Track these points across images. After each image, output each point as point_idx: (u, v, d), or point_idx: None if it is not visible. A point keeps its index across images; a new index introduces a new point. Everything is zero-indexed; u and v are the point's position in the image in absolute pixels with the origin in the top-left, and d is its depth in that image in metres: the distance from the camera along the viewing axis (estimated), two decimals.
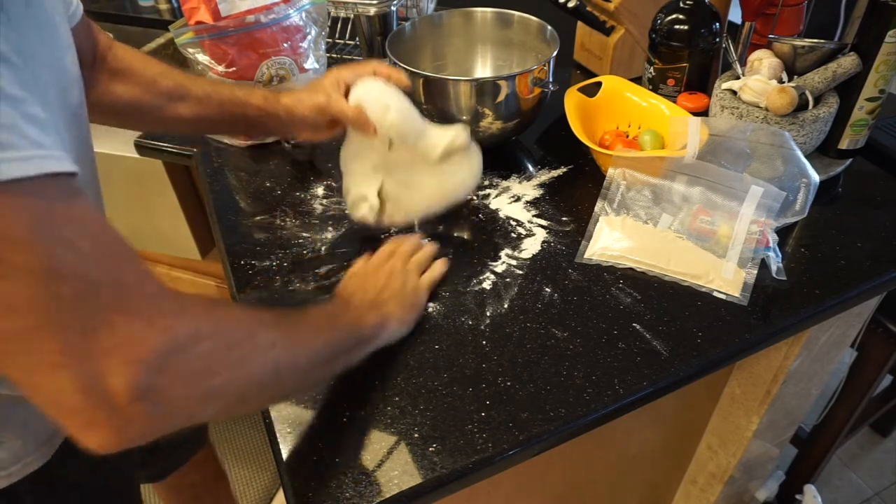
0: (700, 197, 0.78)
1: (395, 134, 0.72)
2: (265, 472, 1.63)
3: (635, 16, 1.02)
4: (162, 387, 0.38)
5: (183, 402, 0.41)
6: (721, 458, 1.11)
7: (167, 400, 0.39)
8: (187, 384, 0.40)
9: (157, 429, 0.40)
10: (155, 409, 0.38)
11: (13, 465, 0.61)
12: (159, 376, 0.37)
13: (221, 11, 0.86)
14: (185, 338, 0.39)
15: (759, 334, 0.68)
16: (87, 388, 0.36)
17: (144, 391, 0.37)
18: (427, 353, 0.66)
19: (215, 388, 0.42)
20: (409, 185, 0.75)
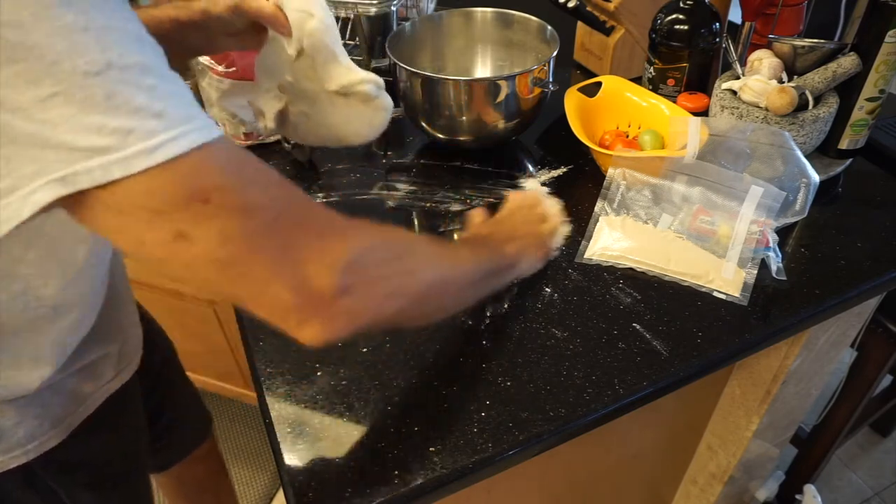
0: (700, 197, 0.78)
1: (310, 45, 0.68)
2: (265, 472, 1.63)
3: (635, 16, 1.02)
4: (355, 285, 0.45)
5: (372, 298, 0.47)
6: (721, 458, 1.11)
7: (360, 296, 0.46)
8: (373, 283, 0.47)
9: (356, 321, 0.46)
10: (353, 303, 0.45)
11: (29, 443, 0.63)
12: (352, 276, 0.44)
13: None
14: (363, 248, 0.46)
15: (759, 334, 0.68)
16: (297, 292, 0.43)
17: (343, 289, 0.44)
18: (427, 353, 0.66)
19: (394, 288, 0.49)
20: (308, 115, 0.74)
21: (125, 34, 0.37)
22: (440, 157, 0.95)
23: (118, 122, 0.36)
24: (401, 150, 0.98)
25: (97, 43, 0.35)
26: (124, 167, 0.36)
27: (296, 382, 0.63)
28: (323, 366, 0.65)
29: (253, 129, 0.97)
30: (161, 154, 0.37)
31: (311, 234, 0.44)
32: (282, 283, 0.42)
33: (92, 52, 0.35)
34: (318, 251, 0.44)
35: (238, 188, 0.41)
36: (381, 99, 0.72)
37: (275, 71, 0.74)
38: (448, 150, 0.96)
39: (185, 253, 0.40)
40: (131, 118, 0.36)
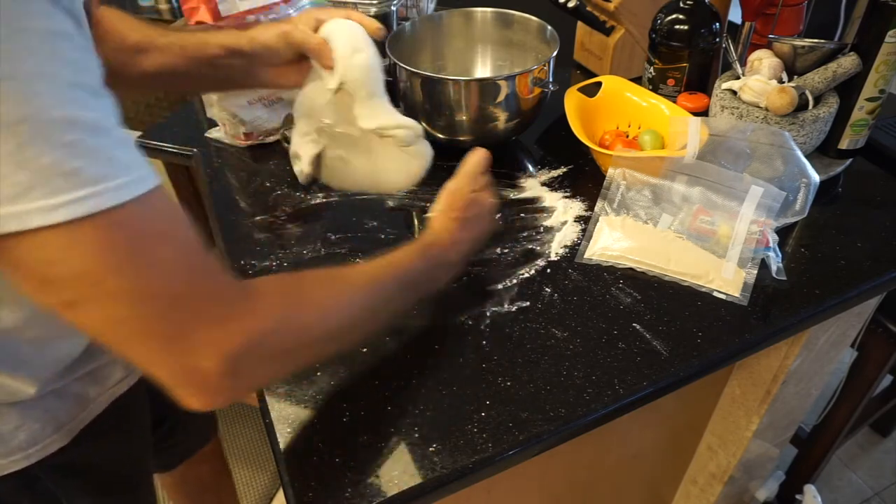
0: (700, 197, 0.78)
1: (353, 80, 0.67)
2: (265, 472, 1.63)
3: (635, 16, 1.02)
4: (243, 370, 0.45)
5: (261, 376, 0.50)
6: (721, 458, 1.11)
7: (248, 377, 0.47)
8: (264, 365, 0.47)
9: (242, 395, 0.47)
10: (239, 383, 0.46)
11: (31, 447, 0.63)
12: (240, 363, 0.44)
13: (221, 11, 0.86)
14: (258, 334, 0.45)
15: (759, 334, 0.68)
16: (182, 374, 0.43)
17: (229, 374, 0.43)
18: (427, 353, 0.66)
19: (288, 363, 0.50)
20: (345, 160, 0.75)
21: (55, 82, 0.36)
22: (440, 157, 0.95)
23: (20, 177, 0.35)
24: None
25: (17, 94, 0.34)
26: (19, 222, 0.35)
27: (296, 382, 0.63)
28: (323, 366, 0.65)
29: (253, 128, 0.97)
30: (60, 214, 0.36)
31: (205, 322, 0.43)
32: (168, 366, 0.43)
33: (8, 103, 0.34)
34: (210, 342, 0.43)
35: (136, 274, 0.40)
36: (419, 146, 0.72)
37: (313, 113, 0.73)
38: (448, 150, 0.96)
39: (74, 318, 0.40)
40: (35, 175, 0.35)
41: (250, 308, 0.46)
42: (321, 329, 0.51)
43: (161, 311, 0.41)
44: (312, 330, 0.50)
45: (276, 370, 0.50)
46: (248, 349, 0.44)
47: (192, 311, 0.42)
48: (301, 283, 0.52)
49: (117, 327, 0.41)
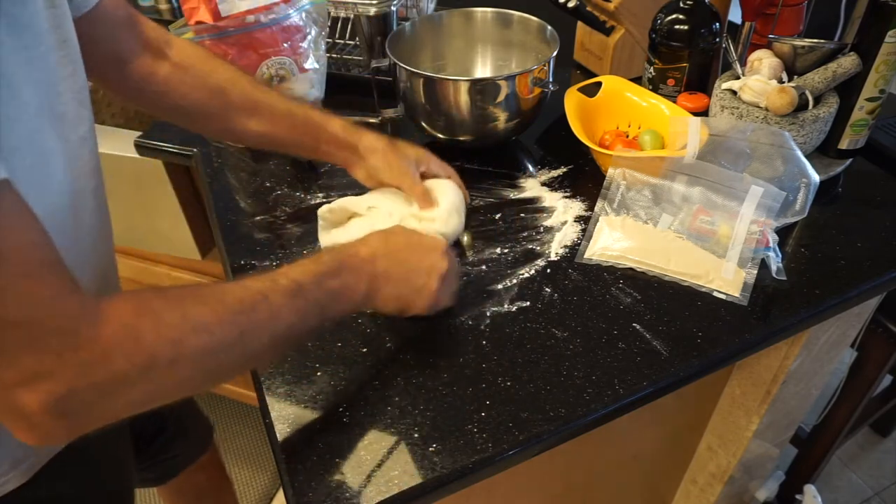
0: (700, 197, 0.78)
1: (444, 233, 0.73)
2: (265, 472, 1.63)
3: (635, 16, 1.02)
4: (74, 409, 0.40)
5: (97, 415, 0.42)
6: (721, 458, 1.11)
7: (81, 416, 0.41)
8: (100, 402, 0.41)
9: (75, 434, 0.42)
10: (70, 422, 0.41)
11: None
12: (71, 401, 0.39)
13: (221, 11, 0.86)
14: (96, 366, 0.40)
15: (759, 334, 0.68)
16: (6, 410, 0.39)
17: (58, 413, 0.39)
18: (427, 353, 0.66)
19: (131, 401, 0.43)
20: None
21: None
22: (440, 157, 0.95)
23: None
24: None
25: None
26: None
27: (296, 382, 0.63)
28: (323, 366, 0.65)
29: None
30: None
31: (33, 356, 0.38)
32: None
33: None
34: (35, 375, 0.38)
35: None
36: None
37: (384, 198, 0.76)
38: (448, 150, 0.96)
39: None
40: None
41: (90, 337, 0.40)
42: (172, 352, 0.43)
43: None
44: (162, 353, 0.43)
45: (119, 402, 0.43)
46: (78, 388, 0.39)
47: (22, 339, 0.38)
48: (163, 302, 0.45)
49: None
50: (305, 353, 0.66)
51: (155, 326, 0.43)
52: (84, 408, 0.41)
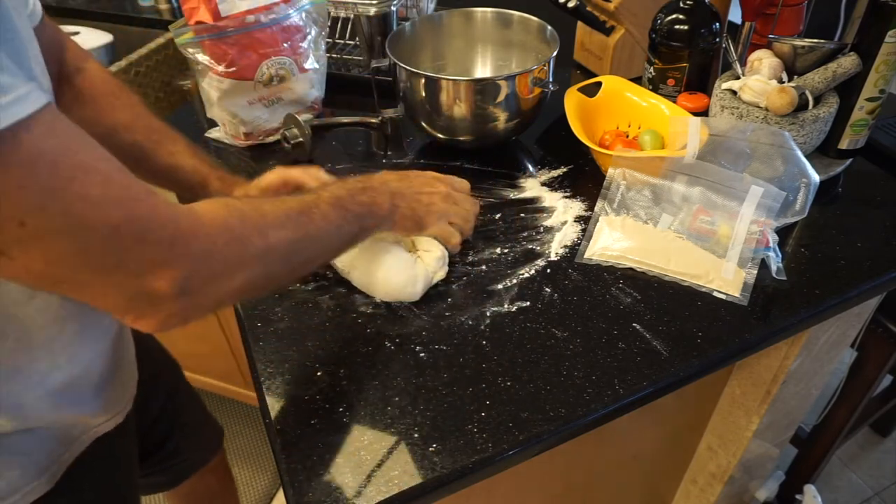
0: (700, 197, 0.78)
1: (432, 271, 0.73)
2: (265, 472, 1.63)
3: (635, 16, 1.02)
4: (191, 289, 0.45)
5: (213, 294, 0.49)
6: (721, 458, 1.11)
7: (199, 297, 0.47)
8: (212, 283, 0.48)
9: (194, 317, 0.48)
10: (189, 302, 0.46)
11: (11, 496, 0.59)
12: (188, 283, 0.45)
13: (221, 11, 0.86)
14: (202, 252, 0.46)
15: (759, 334, 0.68)
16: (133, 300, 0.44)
17: (178, 295, 0.44)
18: (427, 353, 0.66)
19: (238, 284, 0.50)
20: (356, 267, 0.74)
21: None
22: (440, 157, 0.95)
23: None
24: (401, 150, 0.98)
25: None
26: None
27: (296, 382, 0.63)
28: (323, 366, 0.65)
29: (253, 129, 0.97)
30: None
31: (150, 247, 0.42)
32: (116, 295, 0.43)
33: None
34: (157, 264, 0.43)
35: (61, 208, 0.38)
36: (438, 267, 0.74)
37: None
38: (448, 150, 0.96)
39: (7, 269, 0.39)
40: None
41: (193, 227, 0.46)
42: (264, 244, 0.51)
43: (101, 242, 0.40)
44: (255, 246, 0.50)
45: (226, 287, 0.49)
46: (195, 268, 0.45)
47: (133, 237, 0.42)
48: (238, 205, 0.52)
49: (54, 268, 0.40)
50: (305, 353, 0.66)
51: (242, 221, 0.51)
52: (202, 289, 0.47)
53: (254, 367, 0.66)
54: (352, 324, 0.69)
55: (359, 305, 0.71)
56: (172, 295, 0.44)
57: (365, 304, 0.71)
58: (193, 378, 1.57)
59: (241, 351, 1.43)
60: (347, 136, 1.01)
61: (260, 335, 0.68)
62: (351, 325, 0.69)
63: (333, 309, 0.71)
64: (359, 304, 0.72)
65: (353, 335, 0.68)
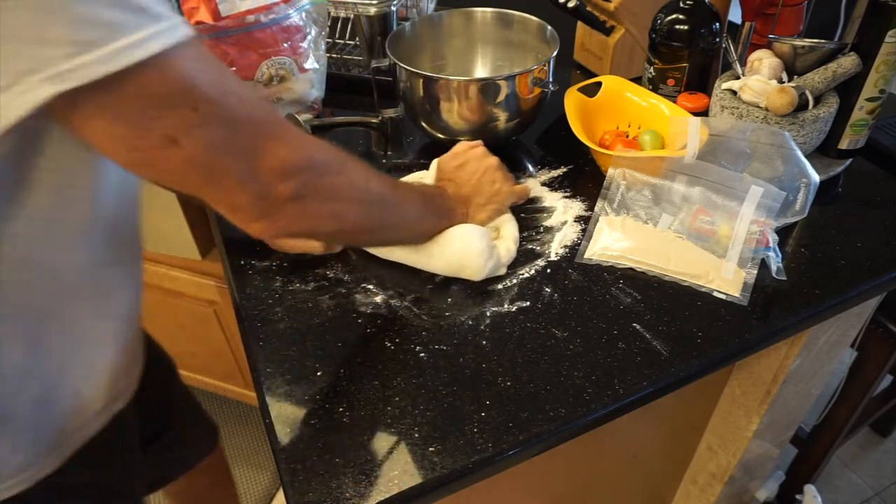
0: (700, 197, 0.78)
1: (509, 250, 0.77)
2: (265, 472, 1.63)
3: (635, 16, 1.02)
4: (306, 195, 0.51)
5: (316, 211, 0.54)
6: (721, 458, 1.11)
7: (306, 206, 0.52)
8: (321, 197, 0.54)
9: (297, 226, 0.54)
10: (301, 209, 0.52)
11: (26, 471, 0.61)
12: (305, 188, 0.51)
13: (221, 11, 0.86)
14: (321, 165, 0.53)
15: (759, 334, 0.68)
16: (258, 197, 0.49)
17: (294, 197, 0.50)
18: (427, 354, 0.66)
19: (338, 210, 0.56)
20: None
21: None
22: None
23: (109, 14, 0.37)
24: (401, 150, 0.98)
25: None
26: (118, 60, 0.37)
27: (296, 382, 0.63)
28: (323, 366, 0.65)
29: None
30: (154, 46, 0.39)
31: (278, 144, 0.49)
32: (247, 189, 0.48)
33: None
34: (282, 161, 0.49)
35: (221, 99, 0.44)
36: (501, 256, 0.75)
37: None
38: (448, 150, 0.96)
39: (173, 157, 0.44)
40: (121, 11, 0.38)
41: (310, 140, 0.53)
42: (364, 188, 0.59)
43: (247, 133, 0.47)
44: (358, 184, 0.58)
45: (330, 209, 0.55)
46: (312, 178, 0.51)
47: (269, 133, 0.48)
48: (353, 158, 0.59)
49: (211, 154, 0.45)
50: (305, 353, 0.66)
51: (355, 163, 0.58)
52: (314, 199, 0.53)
53: (254, 367, 0.66)
54: (352, 324, 0.69)
55: (359, 305, 0.71)
56: (290, 197, 0.49)
57: (365, 305, 0.71)
58: (193, 378, 1.58)
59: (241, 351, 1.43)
60: (347, 136, 1.01)
61: (260, 335, 0.68)
62: (351, 325, 0.69)
63: (333, 309, 0.71)
64: (359, 304, 0.72)
65: (353, 335, 0.68)
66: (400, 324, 0.69)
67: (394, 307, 0.71)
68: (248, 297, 0.73)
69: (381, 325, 0.69)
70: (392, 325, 0.69)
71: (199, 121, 0.43)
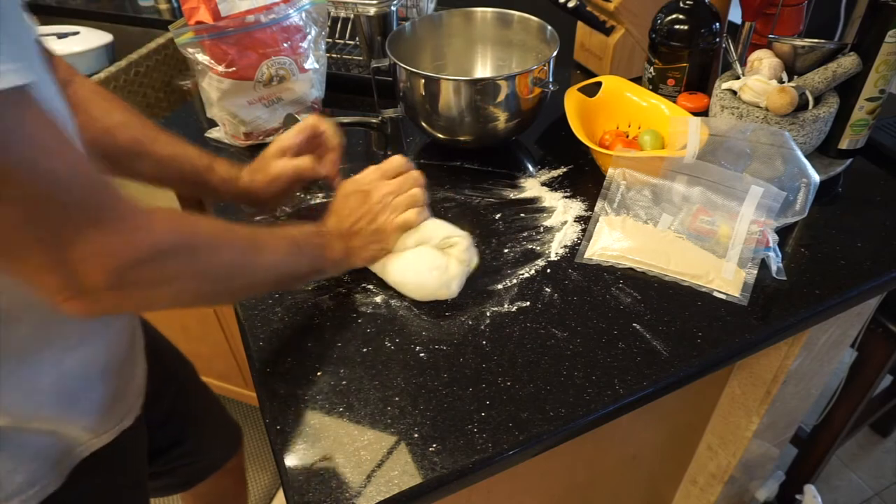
0: (700, 197, 0.78)
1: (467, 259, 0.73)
2: (265, 472, 1.63)
3: (635, 16, 1.02)
4: (126, 284, 0.46)
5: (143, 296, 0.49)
6: (721, 458, 1.11)
7: (129, 294, 0.48)
8: (149, 285, 0.49)
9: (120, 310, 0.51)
10: (120, 298, 0.47)
11: (30, 489, 0.60)
12: (125, 278, 0.46)
13: (221, 11, 0.86)
14: (149, 251, 0.47)
15: (759, 334, 0.68)
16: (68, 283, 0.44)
17: (112, 287, 0.45)
18: (427, 354, 0.66)
19: (172, 292, 0.51)
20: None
21: None
22: (440, 157, 0.95)
23: None
24: (401, 150, 0.98)
25: None
26: None
27: (296, 382, 0.63)
28: (323, 366, 0.65)
29: (253, 128, 0.97)
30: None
31: (97, 232, 0.44)
32: (53, 274, 0.44)
33: None
34: (98, 251, 0.44)
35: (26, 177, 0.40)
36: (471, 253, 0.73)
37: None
38: (448, 150, 0.96)
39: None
40: None
41: (146, 223, 0.47)
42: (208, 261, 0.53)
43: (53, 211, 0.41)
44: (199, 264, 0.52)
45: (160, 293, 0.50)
46: (137, 262, 0.46)
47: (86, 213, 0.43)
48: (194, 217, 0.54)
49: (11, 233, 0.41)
50: (305, 352, 0.66)
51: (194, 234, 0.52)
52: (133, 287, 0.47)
53: (254, 367, 0.66)
54: (352, 324, 0.69)
55: (359, 305, 0.71)
56: (105, 285, 0.45)
57: (365, 305, 0.71)
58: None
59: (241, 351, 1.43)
60: (347, 136, 1.01)
61: (260, 335, 0.68)
62: (351, 325, 0.69)
63: (333, 309, 0.71)
64: (359, 304, 0.72)
65: (353, 335, 0.68)
66: (400, 324, 0.69)
67: (394, 307, 0.71)
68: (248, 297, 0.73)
69: (381, 325, 0.69)
70: (392, 325, 0.69)
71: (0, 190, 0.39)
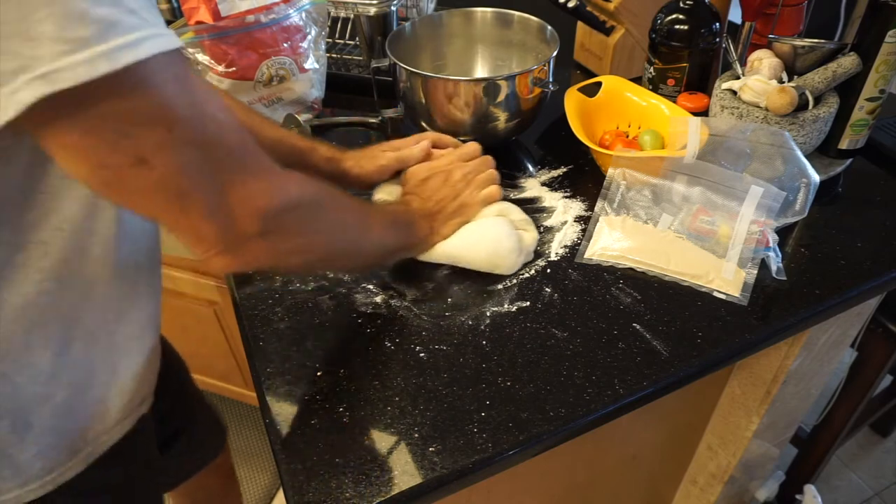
0: (700, 197, 0.78)
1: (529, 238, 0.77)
2: (265, 472, 1.63)
3: (635, 16, 1.02)
4: (272, 233, 0.49)
5: (282, 247, 0.52)
6: (721, 458, 1.11)
7: (273, 243, 0.50)
8: (291, 234, 0.52)
9: (261, 263, 0.52)
10: (264, 248, 0.50)
11: (49, 474, 0.61)
12: (272, 223, 0.49)
13: (221, 11, 0.86)
14: (293, 199, 0.51)
15: (759, 334, 0.68)
16: (223, 231, 0.47)
17: (261, 234, 0.48)
18: (427, 353, 0.66)
19: (306, 244, 0.55)
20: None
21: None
22: None
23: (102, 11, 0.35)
24: None
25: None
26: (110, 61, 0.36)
27: (296, 382, 0.63)
28: (323, 366, 0.65)
29: None
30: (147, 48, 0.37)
31: (251, 178, 0.47)
32: (213, 220, 0.46)
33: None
34: (251, 195, 0.47)
35: (199, 122, 0.43)
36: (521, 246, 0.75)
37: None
38: None
39: (142, 179, 0.41)
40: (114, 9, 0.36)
41: (285, 174, 0.51)
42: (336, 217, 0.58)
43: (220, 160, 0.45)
44: (329, 218, 0.57)
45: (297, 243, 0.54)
46: (283, 208, 0.49)
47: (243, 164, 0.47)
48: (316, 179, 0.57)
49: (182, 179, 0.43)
50: (305, 352, 0.66)
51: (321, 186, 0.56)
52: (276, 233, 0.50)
53: (254, 367, 0.66)
54: (352, 324, 0.69)
55: (359, 305, 0.71)
56: (253, 232, 0.48)
57: (365, 305, 0.71)
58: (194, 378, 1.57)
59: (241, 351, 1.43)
60: (348, 136, 1.01)
61: (260, 335, 0.68)
62: (351, 325, 0.69)
63: (333, 309, 0.71)
64: (359, 304, 0.72)
65: (353, 335, 0.68)
66: (400, 324, 0.69)
67: (394, 307, 0.71)
68: (248, 297, 0.73)
69: (381, 325, 0.69)
70: (392, 325, 0.69)
71: (173, 142, 0.41)
